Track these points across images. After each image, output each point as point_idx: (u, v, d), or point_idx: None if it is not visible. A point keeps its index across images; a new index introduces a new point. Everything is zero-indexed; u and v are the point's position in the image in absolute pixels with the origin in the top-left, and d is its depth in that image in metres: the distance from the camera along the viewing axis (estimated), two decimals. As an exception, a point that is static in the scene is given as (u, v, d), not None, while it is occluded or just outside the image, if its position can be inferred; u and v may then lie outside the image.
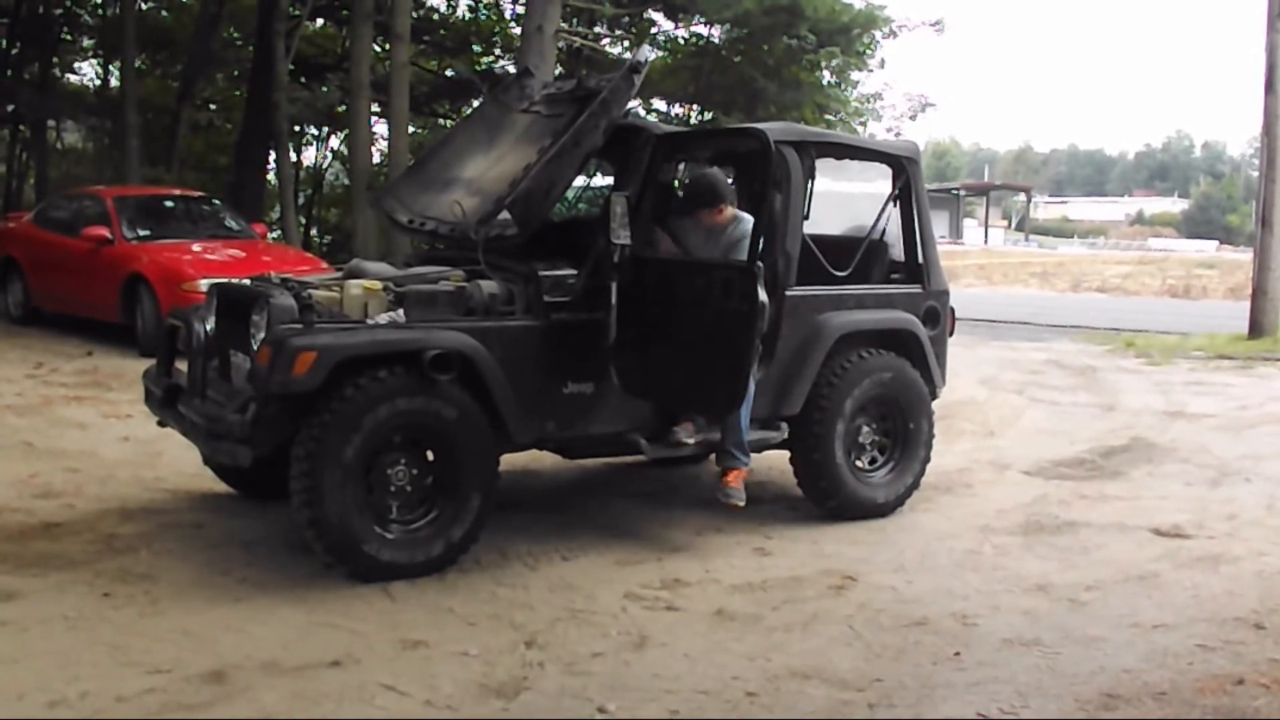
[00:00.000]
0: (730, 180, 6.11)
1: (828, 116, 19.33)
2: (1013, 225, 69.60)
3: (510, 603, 4.47)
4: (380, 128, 18.23)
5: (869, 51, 19.35)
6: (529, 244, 5.26)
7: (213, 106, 23.42)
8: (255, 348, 4.61)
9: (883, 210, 6.00)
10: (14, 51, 20.11)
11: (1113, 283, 29.66)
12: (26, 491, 5.81)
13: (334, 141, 24.38)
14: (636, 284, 5.08)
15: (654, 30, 20.22)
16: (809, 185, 5.69)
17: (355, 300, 4.88)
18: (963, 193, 60.55)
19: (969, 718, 3.56)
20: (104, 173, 19.88)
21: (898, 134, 21.06)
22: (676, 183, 6.21)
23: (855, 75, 20.45)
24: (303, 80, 20.03)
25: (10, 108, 19.89)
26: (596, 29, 19.30)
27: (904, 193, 6.01)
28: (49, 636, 3.98)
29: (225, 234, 11.74)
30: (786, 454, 5.77)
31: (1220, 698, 3.72)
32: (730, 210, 5.47)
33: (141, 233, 11.02)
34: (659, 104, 20.64)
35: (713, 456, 5.54)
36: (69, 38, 22.14)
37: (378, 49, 17.09)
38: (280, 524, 5.21)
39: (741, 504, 5.33)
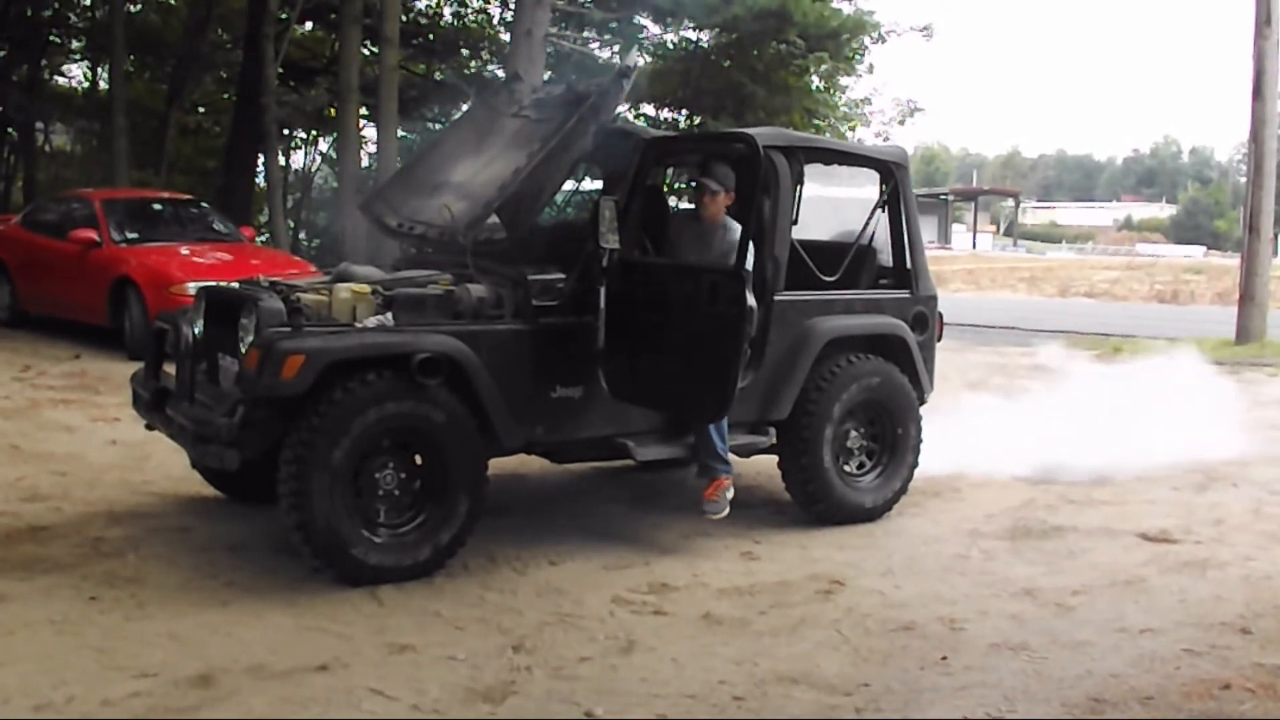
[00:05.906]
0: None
1: (816, 121, 19.36)
2: (1001, 230, 69.75)
3: (498, 607, 4.47)
4: (369, 131, 18.23)
5: (858, 57, 19.39)
6: (517, 248, 5.26)
7: (201, 110, 23.40)
8: (243, 351, 4.60)
9: (871, 215, 6.01)
10: (2, 53, 20.04)
11: (1101, 288, 29.71)
12: (13, 495, 5.79)
13: (323, 145, 24.38)
14: (625, 288, 5.09)
15: (643, 35, 20.24)
16: (797, 190, 5.71)
17: (344, 304, 4.87)
18: (951, 198, 60.67)
19: (956, 721, 3.58)
20: (92, 175, 19.80)
21: (886, 139, 21.12)
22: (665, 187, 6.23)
23: (844, 80, 20.51)
24: (292, 84, 19.99)
25: (-1, 110, 19.85)
26: (585, 33, 19.30)
27: (892, 198, 6.02)
28: (35, 640, 3.97)
29: (213, 237, 11.73)
30: (774, 458, 5.78)
31: (1207, 702, 3.73)
32: (723, 206, 5.48)
33: (129, 236, 11.01)
34: (648, 108, 20.66)
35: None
36: (57, 40, 22.06)
37: (366, 53, 17.07)
38: (268, 527, 5.20)
39: (720, 515, 5.34)
